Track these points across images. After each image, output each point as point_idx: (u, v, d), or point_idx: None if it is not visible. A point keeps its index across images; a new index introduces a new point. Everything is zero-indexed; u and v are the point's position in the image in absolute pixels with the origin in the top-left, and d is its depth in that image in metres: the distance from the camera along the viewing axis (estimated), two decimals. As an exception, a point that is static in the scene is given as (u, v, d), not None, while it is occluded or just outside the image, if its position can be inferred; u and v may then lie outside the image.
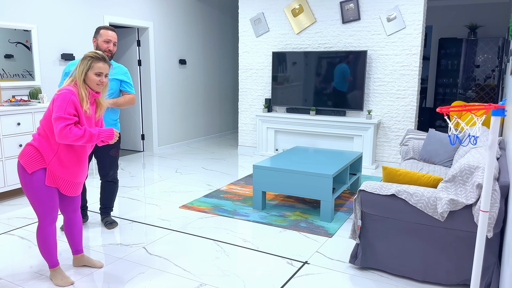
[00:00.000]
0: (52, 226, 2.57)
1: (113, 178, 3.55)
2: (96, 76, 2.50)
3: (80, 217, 2.81)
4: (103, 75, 2.52)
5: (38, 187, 2.46)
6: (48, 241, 2.57)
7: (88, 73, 2.49)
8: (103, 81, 2.53)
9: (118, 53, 6.69)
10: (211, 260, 3.00)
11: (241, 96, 6.86)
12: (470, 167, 2.51)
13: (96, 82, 2.50)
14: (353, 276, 2.80)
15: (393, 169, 2.87)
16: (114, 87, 3.40)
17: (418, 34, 5.48)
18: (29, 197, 2.49)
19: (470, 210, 2.46)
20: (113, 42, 3.36)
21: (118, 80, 3.41)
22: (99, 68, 2.50)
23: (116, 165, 3.53)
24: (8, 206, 4.12)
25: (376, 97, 5.85)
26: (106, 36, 3.32)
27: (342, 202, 4.30)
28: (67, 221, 2.76)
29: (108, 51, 3.34)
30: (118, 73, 3.41)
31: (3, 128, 4.11)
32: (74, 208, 2.75)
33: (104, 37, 3.32)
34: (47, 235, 2.56)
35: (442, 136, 4.17)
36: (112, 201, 3.63)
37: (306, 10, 6.11)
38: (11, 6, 4.57)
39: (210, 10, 7.69)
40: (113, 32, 3.36)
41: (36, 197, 2.48)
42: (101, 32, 3.33)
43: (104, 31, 3.33)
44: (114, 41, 3.37)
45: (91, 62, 2.49)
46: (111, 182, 3.56)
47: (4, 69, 4.53)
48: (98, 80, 2.50)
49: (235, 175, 5.38)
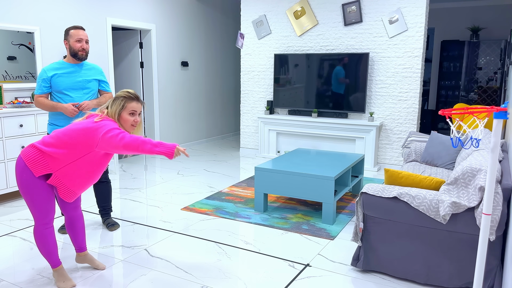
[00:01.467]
0: (48, 226, 2.55)
1: (106, 177, 3.57)
2: (131, 116, 2.44)
3: (81, 215, 2.80)
4: (137, 114, 2.46)
5: (39, 189, 2.45)
6: (46, 241, 2.56)
7: (122, 113, 2.43)
8: (137, 120, 2.47)
9: (121, 55, 6.71)
10: (212, 262, 3.00)
11: (243, 98, 6.87)
12: (473, 170, 2.50)
13: (130, 123, 2.45)
14: (355, 278, 2.79)
15: (395, 171, 2.87)
16: (94, 88, 3.40)
17: (420, 37, 5.47)
18: (25, 198, 2.47)
19: (473, 213, 2.45)
20: (85, 40, 3.29)
21: (97, 80, 3.42)
22: (133, 107, 2.44)
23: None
24: (10, 207, 4.13)
25: (378, 99, 5.85)
26: (77, 36, 3.25)
27: (344, 204, 4.29)
28: (68, 219, 2.75)
29: (82, 50, 3.27)
30: (96, 73, 3.42)
31: (5, 130, 4.12)
32: (74, 206, 2.74)
33: (75, 37, 3.25)
34: (44, 236, 2.55)
35: (444, 138, 4.16)
36: (110, 201, 3.64)
37: (308, 13, 6.12)
38: (14, 8, 4.58)
39: (212, 13, 7.70)
40: (83, 31, 3.30)
41: (33, 199, 2.46)
42: (70, 33, 3.26)
43: (74, 31, 3.26)
44: (86, 39, 3.30)
45: (124, 102, 2.43)
46: (104, 182, 3.56)
47: (7, 71, 4.54)
48: (133, 120, 2.45)
49: (237, 177, 5.38)
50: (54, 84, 3.25)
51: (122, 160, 6.36)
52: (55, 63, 3.30)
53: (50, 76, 3.23)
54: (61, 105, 3.21)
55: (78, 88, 3.30)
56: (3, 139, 4.12)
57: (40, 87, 3.25)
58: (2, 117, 4.08)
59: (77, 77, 3.31)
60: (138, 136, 2.35)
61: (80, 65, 3.36)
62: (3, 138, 4.11)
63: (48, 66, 3.27)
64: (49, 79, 3.24)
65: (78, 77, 3.31)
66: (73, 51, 3.27)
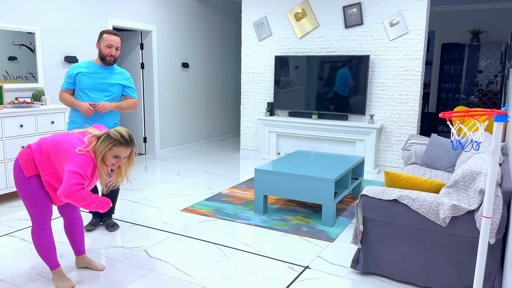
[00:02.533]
0: (45, 228, 2.55)
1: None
2: (113, 158, 2.44)
3: (80, 218, 2.80)
4: (121, 158, 2.46)
5: (31, 189, 2.45)
6: (44, 243, 2.56)
7: (107, 154, 2.42)
8: (119, 164, 2.47)
9: (122, 56, 6.71)
10: (212, 264, 3.00)
11: (244, 100, 6.87)
12: (473, 173, 2.50)
13: (112, 162, 2.44)
14: (354, 281, 2.78)
15: (395, 174, 2.87)
16: (117, 92, 3.43)
17: (420, 39, 5.48)
18: (22, 198, 2.49)
19: (473, 216, 2.45)
20: (115, 46, 3.36)
21: (121, 85, 3.45)
22: (119, 152, 2.43)
23: None
24: (10, 207, 4.13)
25: (378, 102, 5.85)
26: (108, 41, 3.33)
27: (344, 206, 4.29)
28: (67, 222, 2.75)
29: (110, 56, 3.35)
30: (121, 78, 3.45)
31: (5, 130, 4.12)
32: (72, 209, 2.74)
33: (106, 42, 3.33)
34: (41, 238, 2.55)
35: (445, 141, 4.16)
36: (114, 203, 3.64)
37: (309, 15, 6.13)
38: (15, 8, 4.59)
39: (213, 14, 7.71)
40: (116, 37, 3.36)
41: (29, 199, 2.46)
42: (104, 37, 3.34)
43: (107, 35, 3.34)
44: (117, 45, 3.37)
45: (112, 145, 2.41)
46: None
47: (8, 71, 4.54)
48: (115, 162, 2.44)
49: (236, 179, 5.38)
50: (78, 82, 3.34)
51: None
52: (85, 61, 3.40)
53: (75, 74, 3.32)
54: (78, 103, 3.29)
55: (99, 90, 3.36)
56: (3, 139, 4.12)
57: (65, 82, 3.36)
58: (2, 117, 4.08)
59: (101, 79, 3.36)
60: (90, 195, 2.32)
61: (108, 68, 3.42)
62: (3, 138, 4.11)
63: (78, 64, 3.35)
64: (74, 76, 3.33)
65: (102, 79, 3.37)
66: (101, 55, 3.35)
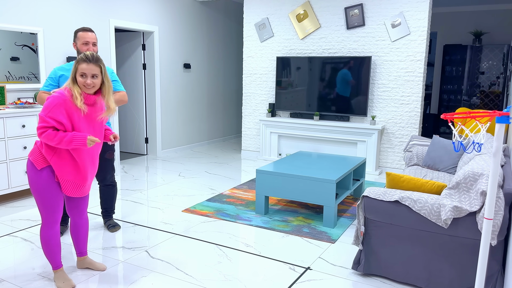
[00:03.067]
0: (54, 227, 2.58)
1: (111, 181, 3.55)
2: (81, 78, 2.43)
3: (86, 220, 2.81)
4: (87, 76, 2.43)
5: (43, 185, 2.48)
6: (50, 242, 2.59)
7: (77, 76, 2.44)
8: (89, 83, 2.43)
9: (123, 56, 6.73)
10: (213, 265, 3.00)
11: (245, 101, 6.87)
12: (474, 174, 2.50)
13: (82, 84, 2.43)
14: (355, 282, 2.78)
15: (397, 175, 2.87)
16: None
17: (422, 41, 5.47)
18: (35, 196, 2.52)
19: (474, 218, 2.44)
20: (91, 42, 3.27)
21: None
22: (82, 69, 2.42)
23: (112, 168, 3.53)
24: (12, 208, 4.13)
25: (380, 103, 5.85)
26: (83, 38, 3.25)
27: (345, 207, 4.28)
28: (73, 223, 2.77)
29: None
30: None
31: (8, 130, 4.13)
32: (80, 211, 2.75)
33: (81, 39, 3.25)
34: (49, 236, 2.58)
35: (446, 142, 4.16)
36: (113, 204, 3.64)
37: (311, 16, 6.13)
38: (17, 9, 4.60)
39: (215, 15, 7.72)
40: (91, 33, 3.28)
41: (40, 195, 2.49)
42: (78, 35, 3.26)
43: (82, 33, 3.26)
44: (93, 41, 3.28)
45: (76, 64, 2.44)
46: (110, 186, 3.56)
47: (10, 72, 4.56)
48: (83, 81, 2.43)
49: (238, 180, 5.38)
50: (62, 83, 3.28)
51: (123, 161, 6.37)
52: (66, 64, 3.34)
53: (59, 76, 3.27)
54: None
55: None
56: (6, 140, 4.13)
57: (46, 84, 3.28)
58: (4, 118, 4.09)
59: None
60: (55, 133, 2.37)
61: None
62: (5, 139, 4.12)
63: (60, 67, 3.31)
64: (57, 78, 3.27)
65: None
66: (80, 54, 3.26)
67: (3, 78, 4.49)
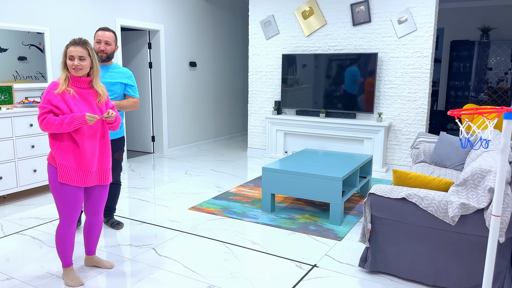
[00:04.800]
0: (70, 226, 2.60)
1: (117, 180, 3.57)
2: (69, 60, 2.52)
3: (101, 221, 2.82)
4: (74, 58, 2.51)
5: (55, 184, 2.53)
6: (65, 240, 2.61)
7: (66, 61, 2.54)
8: (76, 64, 2.51)
9: (130, 55, 6.75)
10: (220, 262, 3.01)
11: (251, 99, 6.87)
12: (482, 171, 2.48)
13: (71, 67, 2.52)
14: (362, 280, 2.78)
15: (404, 172, 2.85)
16: (118, 91, 3.35)
17: (429, 37, 5.44)
18: (54, 195, 2.56)
19: (482, 215, 2.43)
20: (104, 41, 3.27)
21: (123, 84, 3.36)
22: (70, 52, 2.52)
23: (120, 168, 3.54)
24: (21, 206, 4.17)
25: (386, 100, 5.82)
26: (97, 37, 3.29)
27: (352, 205, 4.27)
28: (88, 222, 2.80)
29: (101, 51, 3.27)
30: (122, 77, 3.36)
31: (16, 129, 4.17)
32: (96, 211, 2.76)
33: (96, 37, 3.30)
34: (64, 235, 2.60)
35: (454, 139, 4.13)
36: (115, 203, 3.65)
37: (317, 13, 6.11)
38: (25, 9, 4.64)
39: (220, 13, 7.72)
40: (106, 32, 3.28)
41: (57, 194, 2.54)
42: (95, 34, 3.32)
43: (98, 32, 3.30)
44: (105, 40, 3.28)
45: (66, 48, 2.55)
46: (115, 185, 3.57)
47: (18, 71, 4.59)
48: (71, 64, 2.51)
49: (244, 177, 5.39)
50: None
51: (130, 159, 6.40)
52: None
53: None
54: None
55: None
56: (14, 139, 4.16)
57: None
58: (12, 117, 4.13)
59: (101, 78, 3.28)
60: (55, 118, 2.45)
61: (108, 67, 3.35)
62: (13, 138, 4.16)
63: None
64: None
65: (103, 78, 3.28)
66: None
67: (10, 78, 4.53)
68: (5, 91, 4.36)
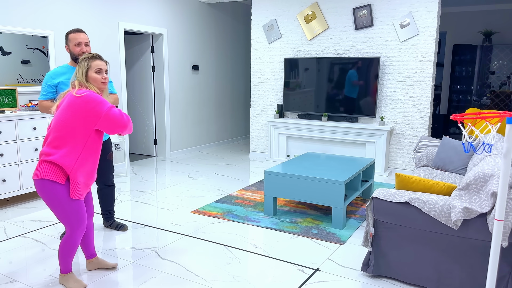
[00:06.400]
0: (82, 234, 2.57)
1: (112, 182, 3.59)
2: (98, 74, 2.50)
3: (92, 223, 2.86)
4: (103, 71, 2.53)
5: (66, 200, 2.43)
6: (73, 249, 2.59)
7: (89, 73, 2.49)
8: (106, 77, 2.52)
9: (133, 58, 6.78)
10: (222, 266, 3.01)
11: (253, 102, 6.88)
12: (485, 175, 2.48)
13: (100, 80, 2.50)
14: (365, 284, 2.77)
15: (406, 176, 2.85)
16: None
17: (432, 41, 5.44)
18: (57, 212, 2.44)
19: (485, 219, 2.43)
20: (83, 43, 3.22)
21: None
22: (98, 65, 2.50)
23: (113, 169, 3.57)
24: (23, 209, 4.18)
25: (389, 104, 5.82)
26: (75, 40, 3.19)
27: (354, 209, 4.27)
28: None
29: (81, 53, 3.20)
30: None
31: (19, 132, 4.19)
32: (90, 213, 2.80)
33: (73, 41, 3.20)
34: (75, 244, 2.56)
35: (456, 143, 4.12)
36: (113, 205, 3.68)
37: (319, 17, 6.12)
38: (28, 13, 4.66)
39: (223, 17, 7.74)
40: (82, 34, 3.22)
41: (64, 210, 2.44)
42: (70, 37, 3.21)
43: (73, 34, 3.20)
44: (85, 41, 3.23)
45: (88, 61, 2.49)
46: (111, 186, 3.59)
47: (21, 74, 4.62)
48: (101, 77, 2.50)
49: (246, 181, 5.39)
50: (61, 90, 3.21)
51: (133, 162, 6.41)
52: (59, 67, 3.26)
53: (56, 84, 3.19)
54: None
55: None
56: (17, 142, 4.18)
57: (46, 93, 3.21)
58: (16, 120, 4.15)
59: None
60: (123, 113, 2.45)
61: None
62: (17, 141, 4.18)
63: (53, 71, 3.22)
64: (55, 85, 3.20)
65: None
66: (73, 55, 3.22)
67: (14, 81, 4.55)
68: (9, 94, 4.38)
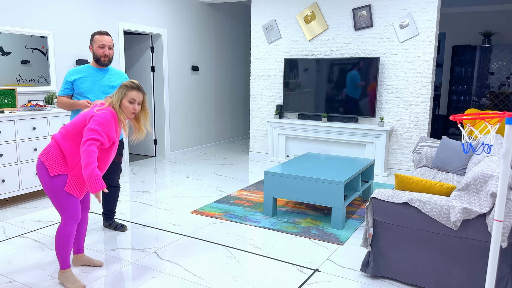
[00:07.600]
0: (74, 226, 2.62)
1: (118, 183, 3.60)
2: (130, 104, 2.63)
3: (87, 217, 2.89)
4: (136, 102, 2.65)
5: (59, 190, 2.53)
6: (67, 241, 2.61)
7: (123, 101, 2.63)
8: (136, 108, 2.65)
9: (132, 59, 6.78)
10: (221, 266, 3.01)
11: (253, 102, 6.88)
12: (484, 176, 2.48)
13: (130, 110, 2.64)
14: (364, 284, 2.77)
15: (406, 176, 2.85)
16: None
17: (431, 41, 5.45)
18: (51, 198, 2.55)
19: (484, 219, 2.43)
20: (107, 46, 3.33)
21: None
22: (133, 96, 2.63)
23: (120, 170, 3.59)
24: (23, 209, 4.18)
25: (388, 104, 5.82)
26: (100, 41, 3.31)
27: (354, 209, 4.27)
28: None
29: (104, 56, 3.33)
30: (120, 79, 3.46)
31: (19, 133, 4.19)
32: (85, 207, 2.85)
33: (98, 42, 3.31)
34: (68, 235, 2.60)
35: (456, 144, 4.13)
36: (115, 205, 3.69)
37: (318, 17, 6.12)
38: (28, 13, 4.66)
39: (222, 17, 7.75)
40: (107, 36, 3.34)
41: (58, 198, 2.54)
42: (95, 38, 3.33)
43: (98, 36, 3.32)
44: (109, 45, 3.34)
45: (126, 90, 2.63)
46: (116, 187, 3.60)
47: (21, 75, 4.61)
48: (132, 107, 2.63)
49: (246, 181, 5.39)
50: (77, 87, 3.33)
51: (132, 163, 6.41)
52: (81, 66, 3.39)
53: (73, 80, 3.31)
54: (77, 102, 3.30)
55: (100, 92, 3.36)
56: (16, 142, 4.18)
57: (63, 89, 3.35)
58: (15, 120, 4.15)
59: (99, 81, 3.36)
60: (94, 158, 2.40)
61: (105, 70, 3.42)
62: (16, 141, 4.17)
63: (74, 69, 3.35)
64: (72, 82, 3.32)
65: (101, 81, 3.37)
66: (96, 57, 3.34)
67: (14, 81, 4.55)
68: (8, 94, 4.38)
